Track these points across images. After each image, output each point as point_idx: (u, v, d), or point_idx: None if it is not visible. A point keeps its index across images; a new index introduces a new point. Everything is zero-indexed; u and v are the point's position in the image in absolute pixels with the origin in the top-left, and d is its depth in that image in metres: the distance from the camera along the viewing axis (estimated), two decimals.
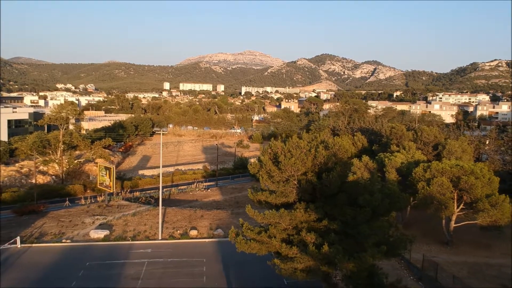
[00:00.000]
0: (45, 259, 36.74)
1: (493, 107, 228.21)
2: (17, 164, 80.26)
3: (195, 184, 71.01)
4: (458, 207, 42.20)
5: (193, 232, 43.77)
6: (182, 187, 71.39)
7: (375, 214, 24.12)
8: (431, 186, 40.71)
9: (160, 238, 42.45)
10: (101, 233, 42.99)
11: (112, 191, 56.46)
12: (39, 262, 36.16)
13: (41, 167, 77.36)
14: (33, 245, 40.25)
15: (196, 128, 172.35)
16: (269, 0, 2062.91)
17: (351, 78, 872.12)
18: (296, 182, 24.57)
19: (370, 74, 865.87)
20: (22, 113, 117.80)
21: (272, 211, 24.39)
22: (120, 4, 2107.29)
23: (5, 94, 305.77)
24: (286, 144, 25.30)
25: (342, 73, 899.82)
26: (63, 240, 41.52)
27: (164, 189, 67.88)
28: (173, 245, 40.75)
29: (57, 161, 75.29)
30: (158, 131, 45.49)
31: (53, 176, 76.27)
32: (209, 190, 68.82)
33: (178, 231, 44.40)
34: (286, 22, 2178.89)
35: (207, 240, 42.26)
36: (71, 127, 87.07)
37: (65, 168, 75.32)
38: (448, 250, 41.95)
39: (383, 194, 24.47)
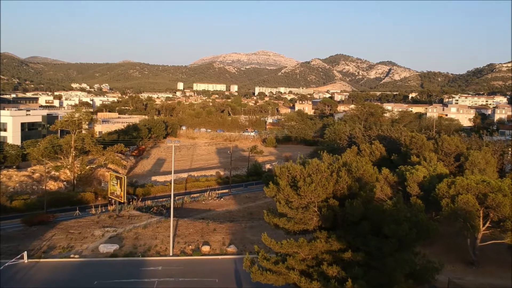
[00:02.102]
0: (53, 277, 35.42)
1: None
2: (29, 169, 79.66)
3: (208, 192, 69.51)
4: (484, 225, 40.10)
5: (205, 248, 42.17)
6: (195, 195, 70.04)
7: (401, 245, 22.29)
8: (456, 204, 38.60)
9: (171, 254, 40.92)
10: (111, 248, 41.62)
11: (123, 201, 55.17)
12: (46, 280, 34.86)
13: (52, 172, 76.62)
14: (41, 260, 38.97)
15: (210, 130, 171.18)
16: (283, 0, 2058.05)
17: (365, 79, 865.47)
18: (316, 209, 22.80)
19: (384, 75, 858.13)
20: (36, 116, 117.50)
21: (290, 240, 22.69)
22: (134, 4, 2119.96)
23: (20, 95, 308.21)
24: (306, 167, 23.56)
25: (356, 74, 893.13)
26: (72, 255, 40.19)
27: (177, 197, 66.62)
28: (184, 262, 39.18)
29: (68, 166, 74.39)
30: (171, 143, 43.88)
31: (65, 182, 75.43)
32: (222, 199, 67.28)
33: (190, 246, 42.85)
34: (300, 22, 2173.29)
35: (219, 257, 40.61)
36: (84, 131, 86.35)
37: (76, 174, 74.39)
38: (474, 271, 39.80)
39: (410, 223, 22.61)
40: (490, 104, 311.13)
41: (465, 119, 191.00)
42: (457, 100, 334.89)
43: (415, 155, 57.54)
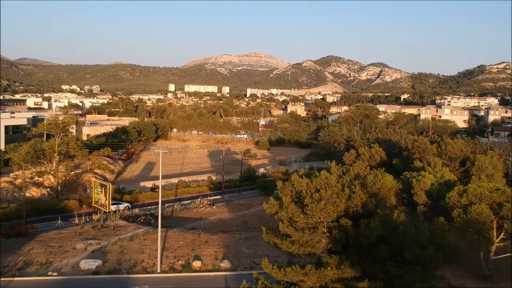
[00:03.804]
0: None
1: (506, 112, 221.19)
2: (11, 174, 75.71)
3: (199, 199, 65.98)
4: (497, 237, 37.13)
5: (197, 263, 38.74)
6: (186, 202, 66.50)
7: (425, 271, 19.08)
8: (468, 214, 35.52)
9: (159, 270, 37.46)
10: (93, 264, 38.05)
11: (108, 211, 51.51)
12: None
13: (36, 178, 72.77)
14: (14, 279, 35.33)
15: (201, 132, 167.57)
16: (274, 1, 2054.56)
17: (356, 80, 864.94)
18: (325, 230, 19.53)
19: (376, 76, 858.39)
20: (20, 119, 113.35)
21: (295, 267, 19.39)
22: (125, 5, 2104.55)
23: (7, 97, 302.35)
24: (313, 180, 20.25)
25: (347, 75, 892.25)
26: (49, 273, 36.58)
27: (167, 205, 63.14)
28: (173, 280, 35.73)
29: (52, 172, 70.55)
30: (158, 149, 40.35)
31: (48, 189, 71.58)
32: (214, 206, 63.77)
33: (180, 261, 39.41)
34: (291, 24, 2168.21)
35: (212, 274, 37.18)
36: (70, 135, 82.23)
37: (60, 180, 70.53)
38: (488, 286, 36.77)
39: (435, 245, 19.42)
40: (482, 106, 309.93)
41: (460, 121, 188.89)
42: (449, 102, 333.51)
43: (418, 160, 54.61)
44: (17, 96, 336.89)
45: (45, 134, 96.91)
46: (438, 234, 20.30)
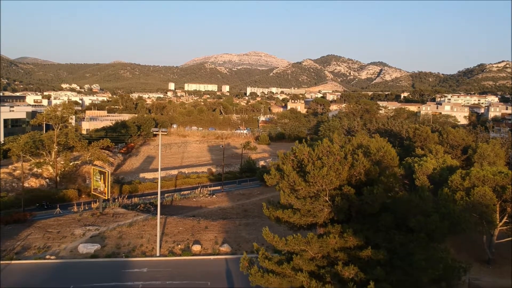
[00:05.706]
0: (24, 280, 31.50)
1: (506, 108, 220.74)
2: (10, 166, 75.27)
3: (199, 189, 65.61)
4: (500, 220, 36.72)
5: (196, 247, 38.33)
6: (185, 192, 66.08)
7: (430, 240, 18.68)
8: (471, 197, 35.11)
9: (158, 254, 37.03)
10: (91, 248, 37.64)
11: (107, 198, 51.06)
12: (17, 283, 30.92)
13: (34, 169, 72.34)
14: (12, 262, 34.91)
15: (201, 128, 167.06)
16: (274, 1, 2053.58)
17: (356, 79, 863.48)
18: (328, 199, 19.09)
19: (376, 75, 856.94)
20: (20, 112, 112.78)
21: (297, 236, 18.97)
22: (125, 4, 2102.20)
23: (7, 93, 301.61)
24: (315, 149, 19.82)
25: (347, 74, 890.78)
26: (47, 256, 36.16)
27: (166, 195, 62.73)
28: (173, 263, 35.31)
29: (51, 163, 70.12)
30: (157, 131, 39.80)
31: (47, 179, 71.14)
32: (214, 196, 63.37)
33: (179, 246, 38.99)
34: (291, 23, 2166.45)
35: (212, 257, 36.78)
36: (69, 127, 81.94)
37: (59, 171, 70.10)
38: (491, 270, 36.37)
39: (439, 214, 18.99)
40: (483, 103, 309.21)
41: (460, 117, 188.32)
42: (449, 99, 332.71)
43: (419, 148, 54.22)
44: (17, 94, 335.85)
45: (44, 125, 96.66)
46: (443, 204, 19.89)
